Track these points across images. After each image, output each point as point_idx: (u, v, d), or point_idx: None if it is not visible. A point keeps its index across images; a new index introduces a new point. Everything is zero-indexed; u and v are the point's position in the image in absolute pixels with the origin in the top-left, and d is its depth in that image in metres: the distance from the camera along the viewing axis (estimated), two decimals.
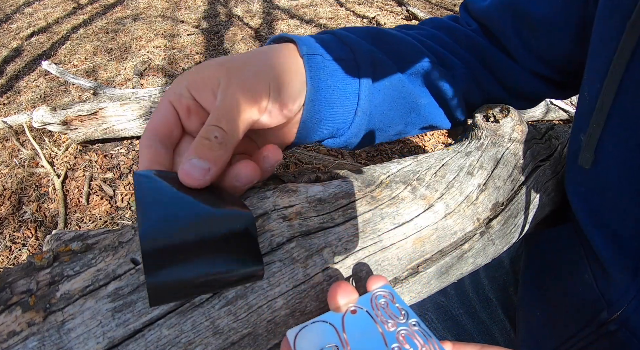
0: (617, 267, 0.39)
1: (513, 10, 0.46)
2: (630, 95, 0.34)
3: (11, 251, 1.41)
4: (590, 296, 0.42)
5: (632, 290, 0.38)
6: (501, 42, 0.48)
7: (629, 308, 0.39)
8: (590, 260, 0.43)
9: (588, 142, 0.38)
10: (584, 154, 0.39)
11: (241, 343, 0.29)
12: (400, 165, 0.41)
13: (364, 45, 0.41)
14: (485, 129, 0.46)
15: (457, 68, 0.47)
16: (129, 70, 2.39)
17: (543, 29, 0.44)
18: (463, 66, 0.47)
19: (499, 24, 0.47)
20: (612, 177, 0.38)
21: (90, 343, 0.25)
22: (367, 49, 0.41)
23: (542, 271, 0.51)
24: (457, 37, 0.48)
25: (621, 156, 0.36)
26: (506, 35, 0.47)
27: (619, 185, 0.37)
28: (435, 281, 0.40)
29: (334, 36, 0.41)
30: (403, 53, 0.44)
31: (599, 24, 0.38)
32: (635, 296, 0.38)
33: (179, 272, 0.23)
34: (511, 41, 0.47)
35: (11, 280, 0.26)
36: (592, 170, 0.39)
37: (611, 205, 0.39)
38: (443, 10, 3.56)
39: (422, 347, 0.25)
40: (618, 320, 0.40)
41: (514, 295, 0.64)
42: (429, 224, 0.37)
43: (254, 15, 3.21)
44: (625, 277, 0.39)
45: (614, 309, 0.40)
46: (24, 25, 2.85)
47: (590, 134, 0.38)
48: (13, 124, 1.86)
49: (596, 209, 0.41)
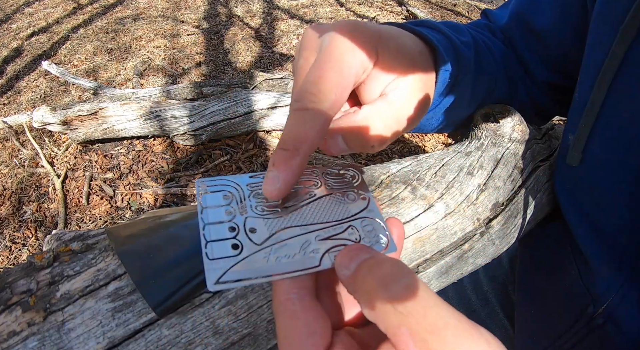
0: (602, 262, 0.41)
1: (523, 22, 0.48)
2: (620, 98, 0.35)
3: (11, 251, 1.41)
4: (578, 291, 0.44)
5: (615, 284, 0.40)
6: (517, 52, 0.50)
7: (614, 301, 0.40)
8: (577, 256, 0.44)
9: (576, 142, 0.39)
10: (572, 153, 0.40)
11: (241, 343, 0.29)
12: (400, 165, 0.41)
13: (469, 60, 0.40)
14: (485, 129, 0.46)
15: (499, 81, 0.49)
16: (129, 70, 2.39)
17: (546, 38, 0.46)
18: (505, 81, 0.49)
19: (514, 36, 0.50)
20: (598, 176, 0.39)
21: (91, 343, 0.25)
22: (468, 68, 0.40)
23: (534, 268, 0.53)
24: (493, 51, 0.49)
25: (608, 156, 0.38)
26: (520, 47, 0.50)
27: (605, 183, 0.39)
28: (435, 281, 0.40)
29: (452, 45, 0.39)
30: (484, 67, 0.44)
31: (593, 29, 0.39)
32: (619, 290, 0.39)
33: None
34: (524, 53, 0.49)
35: (11, 280, 0.26)
36: (579, 169, 0.41)
37: (596, 202, 0.40)
38: (443, 10, 3.56)
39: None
40: (604, 314, 0.41)
41: (513, 295, 0.64)
42: (429, 224, 0.37)
43: (254, 15, 3.21)
44: (609, 272, 0.40)
45: (599, 303, 0.41)
46: (24, 25, 2.85)
47: (579, 134, 0.39)
48: (13, 124, 1.86)
49: (582, 206, 0.42)
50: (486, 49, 0.46)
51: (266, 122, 1.83)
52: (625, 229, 0.38)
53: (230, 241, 0.22)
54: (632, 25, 0.32)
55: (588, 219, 0.41)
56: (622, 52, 0.33)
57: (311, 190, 0.26)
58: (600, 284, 0.41)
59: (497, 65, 0.47)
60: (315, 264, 0.22)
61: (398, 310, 0.17)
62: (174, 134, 1.75)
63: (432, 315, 0.16)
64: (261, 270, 0.21)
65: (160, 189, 1.61)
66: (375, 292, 0.18)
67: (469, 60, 0.40)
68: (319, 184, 0.26)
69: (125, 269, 0.27)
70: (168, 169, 1.71)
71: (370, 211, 0.26)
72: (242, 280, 0.21)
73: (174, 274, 0.27)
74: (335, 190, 0.26)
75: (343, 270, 0.20)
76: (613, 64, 0.34)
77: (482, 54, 0.44)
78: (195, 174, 1.69)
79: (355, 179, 0.28)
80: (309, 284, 0.22)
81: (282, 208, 0.24)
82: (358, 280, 0.19)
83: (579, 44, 0.43)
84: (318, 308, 0.21)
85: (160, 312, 0.26)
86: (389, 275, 0.18)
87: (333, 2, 3.51)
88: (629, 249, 0.38)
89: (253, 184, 0.25)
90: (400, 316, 0.17)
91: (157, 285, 0.26)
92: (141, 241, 0.28)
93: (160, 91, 1.99)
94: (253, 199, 0.24)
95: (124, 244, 0.28)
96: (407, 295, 0.17)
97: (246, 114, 1.78)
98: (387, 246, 0.24)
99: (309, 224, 0.24)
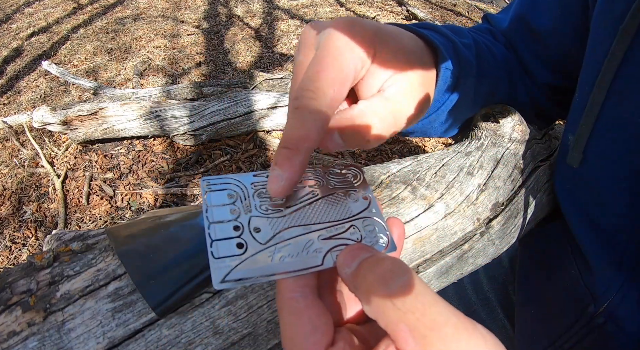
0: (602, 262, 0.41)
1: (524, 24, 0.48)
2: (619, 99, 0.35)
3: (11, 251, 1.41)
4: (578, 291, 0.44)
5: (616, 283, 0.40)
6: (518, 54, 0.50)
7: (614, 301, 0.40)
8: (577, 256, 0.45)
9: (577, 142, 0.39)
10: (573, 153, 0.40)
11: (241, 343, 0.29)
12: (400, 165, 0.41)
13: (470, 62, 0.40)
14: (485, 129, 0.46)
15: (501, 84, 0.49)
16: (129, 70, 2.39)
17: (547, 38, 0.47)
18: (507, 84, 0.49)
19: (515, 38, 0.50)
20: (599, 176, 0.39)
21: (91, 343, 0.25)
22: (469, 70, 0.40)
23: (534, 268, 0.53)
24: (495, 53, 0.50)
25: (608, 157, 0.38)
26: (520, 48, 0.50)
27: (605, 183, 0.39)
28: (435, 281, 0.40)
29: (453, 45, 0.39)
30: (486, 69, 0.44)
31: (594, 29, 0.39)
32: (620, 289, 0.39)
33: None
34: (525, 54, 0.49)
35: (11, 280, 0.26)
36: (579, 169, 0.41)
37: (596, 202, 0.40)
38: (443, 11, 3.56)
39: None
40: (604, 313, 0.41)
41: (513, 295, 0.64)
42: (429, 224, 0.37)
43: (254, 15, 3.21)
44: (609, 271, 0.40)
45: (600, 302, 0.41)
46: (24, 25, 2.85)
47: (579, 135, 0.39)
48: (13, 124, 1.86)
49: (582, 205, 0.42)
50: (488, 51, 0.46)
51: (266, 122, 1.83)
52: (626, 228, 0.38)
53: (235, 240, 0.22)
54: (632, 25, 0.32)
55: (588, 219, 0.41)
56: (622, 52, 0.33)
57: (314, 189, 0.26)
58: (600, 283, 0.41)
59: (498, 68, 0.47)
60: (318, 263, 0.22)
61: (397, 306, 0.17)
62: (174, 134, 1.75)
63: (431, 312, 0.17)
64: (265, 269, 0.21)
65: (160, 189, 1.61)
66: (375, 289, 0.18)
67: (470, 61, 0.40)
68: (322, 184, 0.27)
69: (125, 269, 0.27)
70: (168, 169, 1.71)
71: (371, 211, 0.26)
72: (246, 279, 0.21)
73: (174, 274, 0.27)
74: (338, 189, 0.27)
75: (345, 269, 0.21)
76: (613, 64, 0.34)
77: (483, 56, 0.44)
78: (195, 174, 1.69)
79: (357, 178, 0.28)
80: (311, 283, 0.22)
81: (286, 207, 0.24)
82: (359, 278, 0.19)
83: (579, 44, 0.43)
84: (320, 306, 0.21)
85: (160, 312, 0.26)
86: (389, 273, 0.18)
87: (333, 2, 3.51)
88: (629, 248, 0.38)
89: (257, 182, 0.25)
90: (399, 313, 0.17)
91: (157, 286, 0.26)
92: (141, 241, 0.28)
93: (160, 91, 1.99)
94: (257, 198, 0.24)
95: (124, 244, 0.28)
96: (405, 292, 0.17)
97: (246, 114, 1.78)
98: (387, 246, 0.24)
99: (312, 223, 0.24)
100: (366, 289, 0.19)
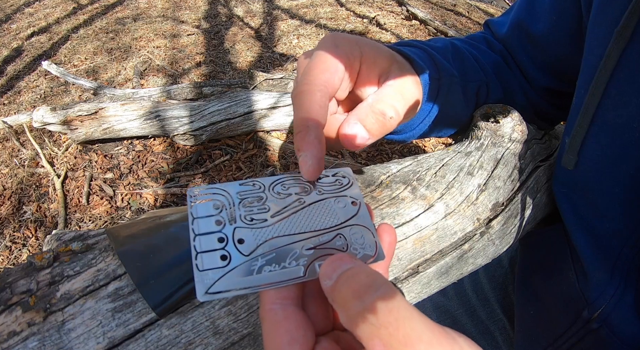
0: (597, 267, 0.41)
1: (522, 30, 0.49)
2: (614, 103, 0.35)
3: (11, 251, 1.41)
4: (573, 295, 0.44)
5: (610, 289, 0.40)
6: (516, 59, 0.51)
7: (608, 306, 0.40)
8: (574, 260, 0.45)
9: (572, 145, 0.40)
10: (568, 155, 0.40)
11: (241, 343, 0.29)
12: (400, 165, 0.41)
13: (448, 67, 0.43)
14: (485, 129, 0.46)
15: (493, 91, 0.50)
16: (129, 70, 2.39)
17: (543, 43, 0.47)
18: (499, 87, 0.50)
19: (513, 44, 0.51)
20: (593, 179, 0.39)
21: (91, 343, 0.25)
22: (449, 74, 0.42)
23: (533, 270, 0.53)
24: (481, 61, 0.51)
25: (602, 160, 0.38)
26: (518, 53, 0.50)
27: (599, 186, 0.39)
28: (435, 281, 0.40)
29: (428, 55, 0.42)
30: (470, 74, 0.46)
31: (590, 33, 0.39)
32: (614, 295, 0.39)
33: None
34: (523, 59, 0.50)
35: (11, 280, 0.26)
36: (574, 172, 0.41)
37: (591, 206, 0.40)
38: (443, 10, 3.55)
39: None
40: (598, 319, 0.41)
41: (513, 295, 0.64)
42: (429, 224, 0.37)
43: (254, 15, 3.21)
44: (603, 277, 0.40)
45: (594, 308, 0.41)
46: (24, 25, 2.85)
47: (574, 137, 0.39)
48: (13, 124, 1.86)
49: (578, 209, 0.42)
50: (471, 58, 0.48)
51: (266, 122, 1.83)
52: (619, 233, 0.38)
53: (219, 252, 0.22)
54: (627, 28, 0.32)
55: (583, 223, 0.41)
56: (617, 55, 0.33)
57: (300, 197, 0.26)
58: (594, 289, 0.41)
59: (485, 73, 0.48)
60: (300, 274, 0.22)
61: (371, 321, 0.17)
62: (174, 134, 1.75)
63: (405, 328, 0.16)
64: (248, 281, 0.22)
65: (160, 189, 1.61)
66: (350, 303, 0.18)
67: (447, 66, 0.42)
68: (310, 190, 0.26)
69: (125, 269, 0.27)
70: (168, 169, 1.71)
71: (359, 218, 0.26)
72: (228, 291, 0.21)
73: (174, 274, 0.27)
74: (326, 195, 0.26)
75: (325, 280, 0.20)
76: (608, 67, 0.34)
77: (467, 62, 0.47)
78: (195, 174, 1.69)
79: (348, 182, 0.28)
80: (292, 294, 0.22)
81: (271, 216, 0.24)
82: (335, 291, 0.19)
83: (576, 48, 0.43)
84: (300, 317, 0.21)
85: (160, 312, 0.26)
86: (364, 287, 0.18)
87: (333, 2, 3.51)
88: (623, 253, 0.38)
89: (242, 191, 0.25)
90: (373, 328, 0.17)
91: (157, 286, 0.26)
92: (141, 241, 0.28)
93: (160, 91, 1.99)
94: (242, 208, 0.24)
95: (124, 244, 0.28)
96: (380, 307, 0.17)
97: (246, 114, 1.78)
98: (374, 254, 0.24)
99: (297, 233, 0.24)
100: (342, 303, 0.19)
